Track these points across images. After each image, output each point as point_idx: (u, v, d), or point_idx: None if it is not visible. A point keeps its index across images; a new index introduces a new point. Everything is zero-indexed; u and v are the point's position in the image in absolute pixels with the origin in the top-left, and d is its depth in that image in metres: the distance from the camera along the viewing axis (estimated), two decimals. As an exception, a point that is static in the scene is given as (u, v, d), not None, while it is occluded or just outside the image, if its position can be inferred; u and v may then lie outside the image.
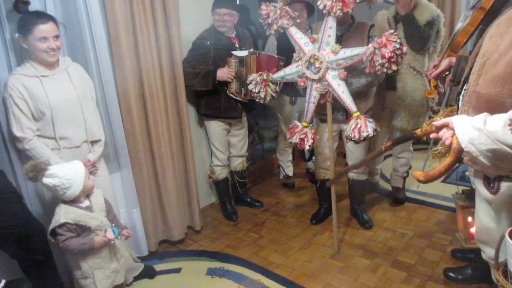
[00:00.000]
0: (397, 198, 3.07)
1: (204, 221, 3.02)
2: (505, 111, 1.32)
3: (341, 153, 3.51)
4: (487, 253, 1.58)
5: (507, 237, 1.29)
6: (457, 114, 1.58)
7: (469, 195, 2.07)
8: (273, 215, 3.10)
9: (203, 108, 2.86)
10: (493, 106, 1.35)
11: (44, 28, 1.81)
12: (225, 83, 2.72)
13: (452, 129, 1.10)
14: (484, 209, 1.55)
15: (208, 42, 2.67)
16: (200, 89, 2.71)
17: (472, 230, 2.03)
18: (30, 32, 1.79)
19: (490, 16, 1.68)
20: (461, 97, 1.54)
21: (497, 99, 1.33)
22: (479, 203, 1.59)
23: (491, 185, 1.44)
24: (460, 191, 2.11)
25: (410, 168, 3.02)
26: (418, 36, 2.54)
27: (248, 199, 3.26)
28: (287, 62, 2.50)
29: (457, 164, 1.73)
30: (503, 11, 1.44)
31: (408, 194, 3.13)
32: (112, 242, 1.92)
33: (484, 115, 1.07)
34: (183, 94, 2.65)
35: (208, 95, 2.77)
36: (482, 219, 1.58)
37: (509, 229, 1.30)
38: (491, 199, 1.46)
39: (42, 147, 1.88)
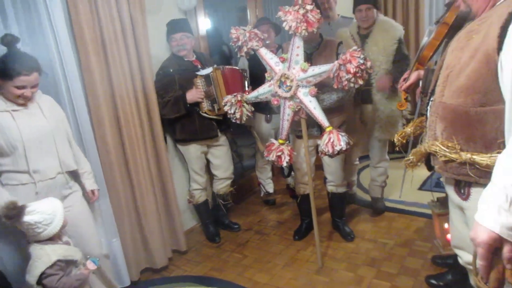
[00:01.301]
0: (377, 208, 3.12)
1: (188, 244, 2.97)
2: (469, 120, 1.39)
3: (319, 167, 3.55)
4: (464, 258, 1.62)
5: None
6: (426, 123, 1.64)
7: (445, 202, 2.13)
8: (256, 234, 3.09)
9: (179, 133, 2.84)
10: (458, 116, 1.41)
11: (25, 79, 1.78)
12: (197, 104, 2.73)
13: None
14: (458, 215, 1.59)
15: (171, 70, 2.69)
16: (174, 116, 2.70)
17: (449, 236, 2.08)
18: (10, 78, 1.75)
19: (453, 30, 1.77)
20: (428, 107, 1.60)
21: (462, 108, 1.39)
22: (453, 210, 1.64)
23: (462, 191, 1.49)
24: (435, 199, 2.17)
25: (387, 177, 3.08)
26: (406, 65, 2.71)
27: (226, 221, 3.22)
28: (260, 82, 2.55)
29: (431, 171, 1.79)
30: (465, 25, 1.53)
31: (387, 204, 3.19)
32: (93, 273, 1.89)
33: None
34: (158, 118, 2.65)
35: (182, 119, 2.77)
36: (456, 225, 1.63)
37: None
38: (463, 205, 1.51)
39: None
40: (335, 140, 2.24)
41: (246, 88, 2.82)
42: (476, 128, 1.37)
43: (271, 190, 3.60)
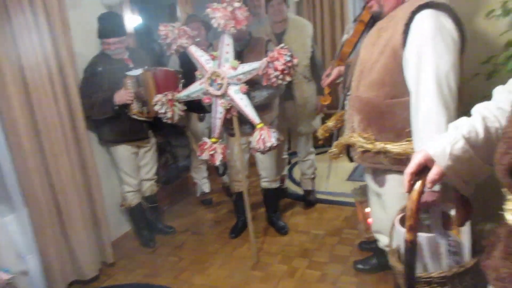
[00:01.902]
0: (309, 200, 3.25)
1: (120, 252, 2.83)
2: (381, 111, 1.49)
3: (254, 164, 3.60)
4: (382, 241, 1.74)
5: (396, 224, 1.43)
6: (344, 116, 1.74)
7: (366, 190, 2.27)
8: (193, 235, 3.04)
9: (107, 134, 2.71)
10: (372, 108, 1.51)
11: None
12: (126, 106, 2.62)
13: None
14: (376, 201, 1.71)
15: (100, 68, 2.56)
16: (101, 117, 2.57)
17: (370, 220, 2.23)
18: None
19: (369, 28, 1.89)
20: (346, 102, 1.70)
21: (375, 101, 1.49)
22: (371, 196, 1.76)
23: (378, 178, 1.60)
24: (358, 187, 2.30)
25: (316, 169, 3.21)
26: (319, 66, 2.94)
27: (160, 226, 3.12)
28: (192, 80, 2.51)
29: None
30: (376, 23, 1.63)
31: (319, 196, 3.31)
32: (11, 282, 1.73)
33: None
34: (82, 121, 2.49)
35: (111, 120, 2.63)
36: (375, 211, 1.75)
37: (398, 217, 1.45)
38: (379, 191, 1.62)
39: None
40: (266, 136, 2.28)
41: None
42: (387, 119, 1.47)
43: (207, 190, 3.57)
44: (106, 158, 2.89)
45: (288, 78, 2.20)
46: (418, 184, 0.99)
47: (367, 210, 2.22)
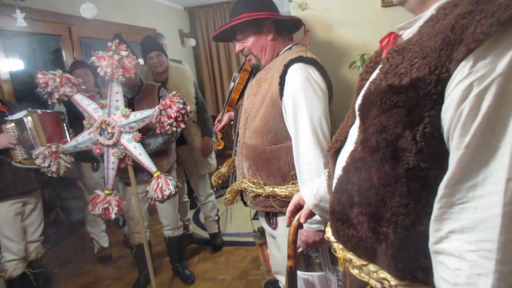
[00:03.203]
0: (216, 244, 3.20)
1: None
2: (267, 157, 1.56)
3: (156, 211, 3.45)
4: (283, 282, 1.78)
5: (290, 265, 1.47)
6: (235, 162, 1.78)
7: (264, 232, 2.31)
8: (88, 299, 2.74)
9: None
10: (259, 154, 1.57)
11: None
12: (7, 154, 2.32)
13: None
14: (272, 243, 1.75)
15: None
16: None
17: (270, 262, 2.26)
18: None
19: (253, 76, 2.01)
20: (236, 148, 1.74)
21: (260, 147, 1.56)
22: (268, 238, 1.80)
23: (271, 221, 1.65)
24: (256, 229, 2.32)
25: (218, 210, 3.21)
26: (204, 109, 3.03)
27: None
28: (81, 129, 2.35)
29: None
30: (257, 73, 1.74)
31: (225, 238, 3.29)
32: None
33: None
34: None
35: None
36: (272, 252, 1.78)
37: (292, 258, 1.49)
38: (273, 234, 1.67)
39: None
40: (163, 185, 2.21)
41: (67, 133, 2.55)
42: (273, 164, 1.54)
43: (106, 245, 3.29)
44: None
45: (182, 125, 2.19)
46: (295, 219, 1.16)
47: (268, 251, 2.26)
